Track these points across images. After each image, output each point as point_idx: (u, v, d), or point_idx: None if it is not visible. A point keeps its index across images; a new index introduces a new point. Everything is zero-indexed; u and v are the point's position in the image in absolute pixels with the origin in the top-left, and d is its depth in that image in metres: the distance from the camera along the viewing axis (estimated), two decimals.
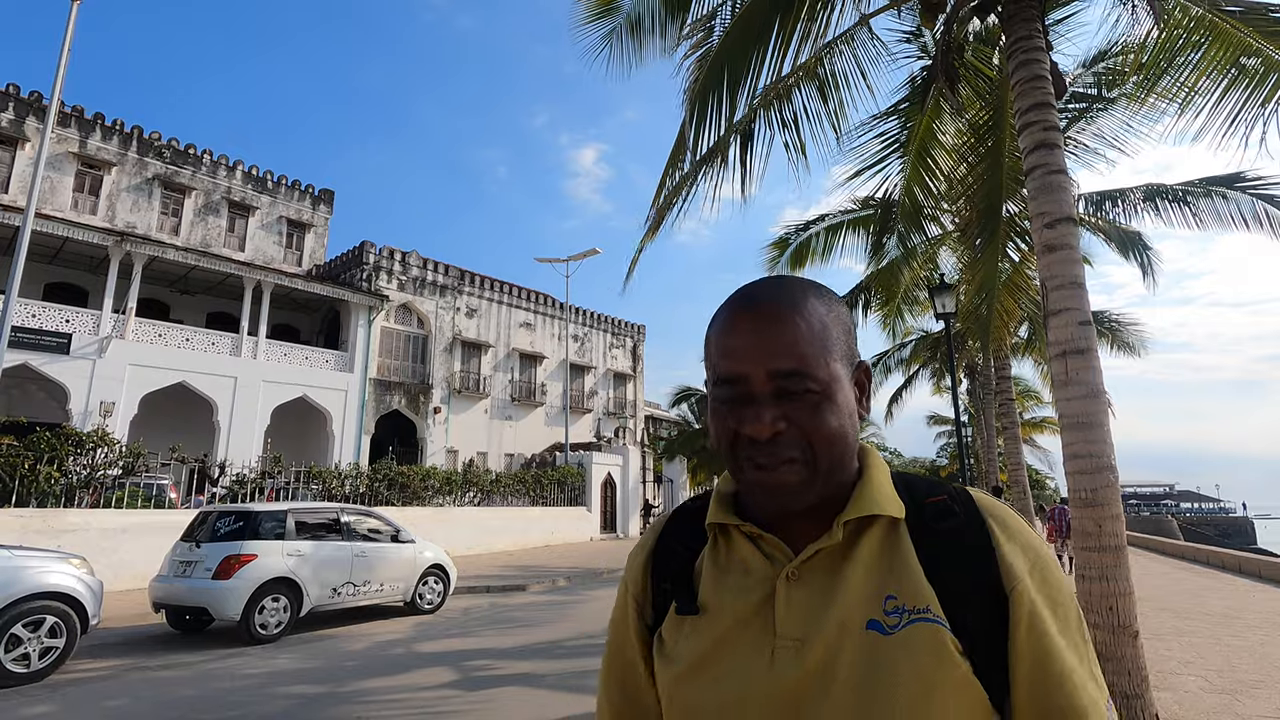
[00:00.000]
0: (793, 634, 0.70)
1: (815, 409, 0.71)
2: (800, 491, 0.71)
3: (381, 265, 24.77)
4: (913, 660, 0.65)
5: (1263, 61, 4.77)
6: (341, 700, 5.59)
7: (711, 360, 0.76)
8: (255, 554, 7.89)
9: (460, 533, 17.68)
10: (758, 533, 0.77)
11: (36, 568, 6.20)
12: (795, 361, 0.71)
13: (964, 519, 0.74)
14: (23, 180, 19.74)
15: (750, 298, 0.76)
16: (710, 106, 5.58)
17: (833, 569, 0.73)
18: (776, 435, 0.71)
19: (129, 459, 12.38)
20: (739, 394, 0.73)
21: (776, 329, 0.73)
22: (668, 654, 0.77)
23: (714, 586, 0.77)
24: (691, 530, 0.85)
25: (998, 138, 6.56)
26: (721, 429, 0.75)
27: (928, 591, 0.69)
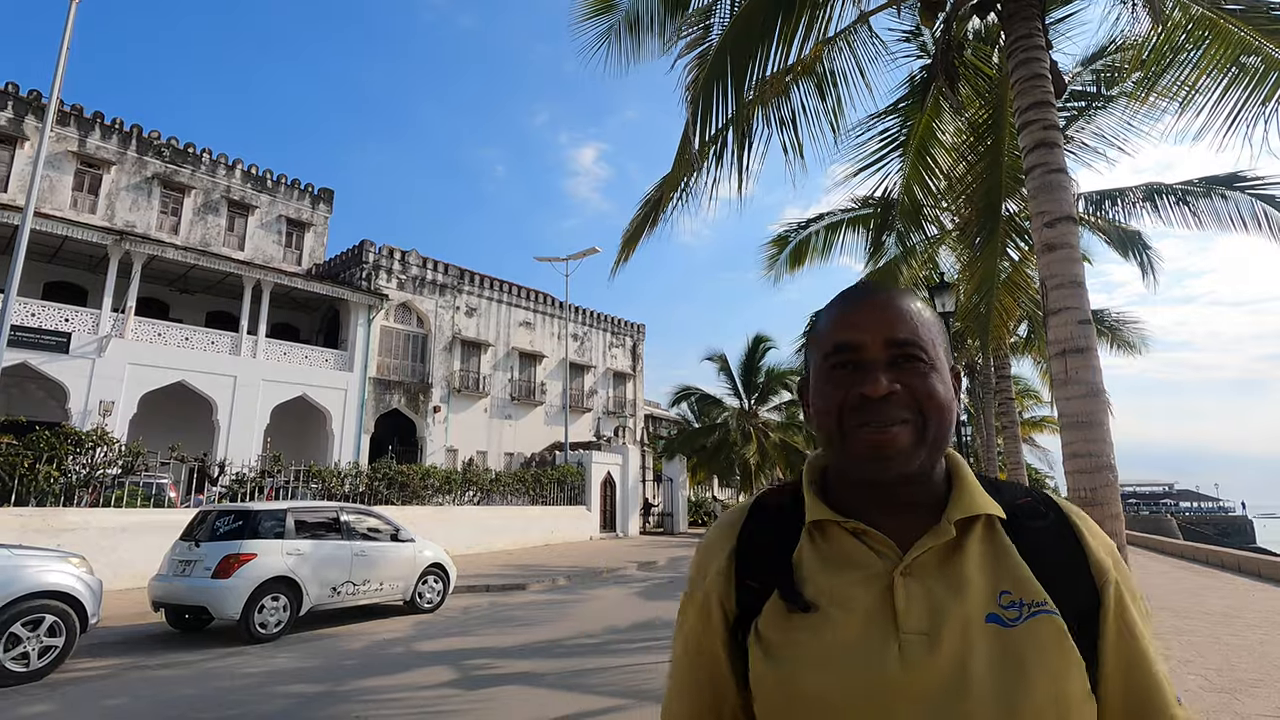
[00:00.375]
0: (918, 628, 0.71)
1: (926, 377, 0.77)
2: (909, 454, 0.75)
3: (381, 264, 24.75)
4: (1042, 649, 0.69)
5: (1263, 60, 4.76)
6: (341, 699, 5.59)
7: (822, 337, 0.82)
8: (255, 553, 7.88)
9: (460, 532, 17.68)
10: (862, 529, 0.78)
11: (36, 567, 6.20)
12: (910, 333, 0.78)
13: (1053, 519, 0.80)
14: (22, 179, 19.72)
15: (866, 286, 0.84)
16: (715, 102, 5.55)
17: (945, 565, 0.75)
18: (890, 395, 0.75)
19: (128, 458, 12.37)
20: (853, 360, 0.78)
21: (893, 307, 0.80)
22: (774, 651, 0.76)
23: (824, 582, 0.78)
24: (777, 523, 0.85)
25: (997, 136, 6.55)
26: (830, 397, 0.79)
27: (1039, 586, 0.73)
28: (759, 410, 30.37)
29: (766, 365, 29.53)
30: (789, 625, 0.77)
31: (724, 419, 29.70)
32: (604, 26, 6.50)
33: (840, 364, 0.79)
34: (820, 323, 0.84)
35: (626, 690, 5.91)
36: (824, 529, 0.81)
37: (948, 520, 0.76)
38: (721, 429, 29.17)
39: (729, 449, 28.73)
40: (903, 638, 0.71)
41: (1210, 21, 4.88)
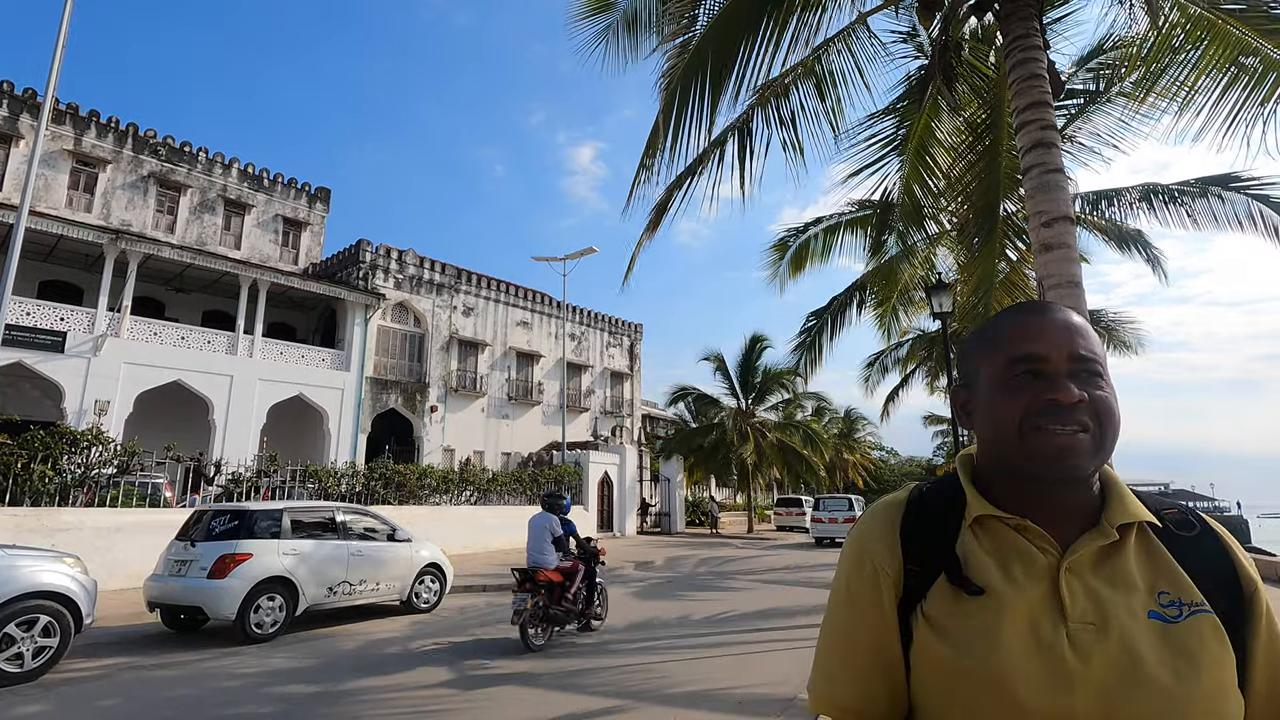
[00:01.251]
0: (1085, 619, 0.77)
1: (1104, 391, 0.84)
2: (1087, 458, 0.81)
3: (378, 264, 24.70)
4: (1204, 645, 0.75)
5: (1261, 60, 4.77)
6: (337, 699, 5.57)
7: (1003, 345, 0.88)
8: (250, 553, 7.85)
9: (457, 531, 17.64)
10: (1025, 524, 0.84)
11: (30, 567, 6.17)
12: (1091, 350, 0.85)
13: (1201, 530, 0.86)
14: (17, 177, 19.65)
15: (1044, 305, 0.91)
16: (691, 95, 5.53)
17: (1104, 564, 0.82)
18: (1079, 403, 0.81)
19: (124, 458, 12.32)
20: (1038, 370, 0.84)
21: (1075, 324, 0.87)
22: (944, 632, 0.82)
23: (991, 573, 0.83)
24: (938, 514, 0.91)
25: (995, 136, 6.56)
26: (1013, 402, 0.84)
27: (1195, 588, 0.79)
28: (756, 410, 30.39)
29: (764, 365, 29.57)
30: (958, 609, 0.82)
31: (721, 419, 29.72)
32: (601, 25, 6.49)
33: (1025, 372, 0.85)
34: (994, 332, 0.91)
35: (624, 690, 5.90)
36: (986, 524, 0.87)
37: (1109, 524, 0.83)
38: (718, 429, 29.19)
39: (726, 449, 28.74)
40: (1071, 627, 0.77)
41: (1208, 22, 4.88)
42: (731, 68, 5.47)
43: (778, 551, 21.53)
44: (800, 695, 5.54)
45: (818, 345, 13.70)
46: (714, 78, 5.47)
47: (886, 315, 14.22)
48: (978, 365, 0.92)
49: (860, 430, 46.35)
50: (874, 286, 12.79)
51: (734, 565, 16.91)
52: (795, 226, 12.20)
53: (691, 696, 5.62)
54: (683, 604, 10.69)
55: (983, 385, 0.90)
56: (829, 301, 13.61)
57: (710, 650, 7.46)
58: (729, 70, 5.48)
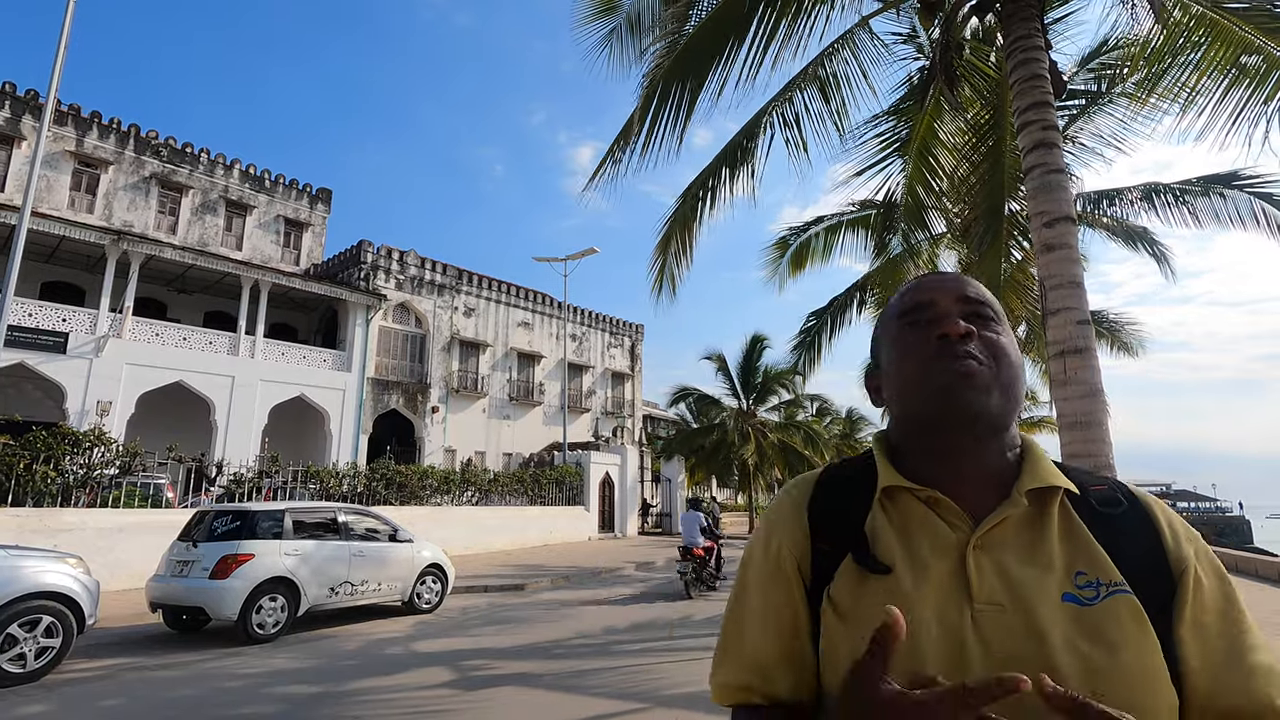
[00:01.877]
0: (991, 599, 0.72)
1: (997, 336, 0.81)
2: (986, 391, 0.77)
3: (379, 264, 24.72)
4: (1122, 629, 0.69)
5: (1264, 59, 4.76)
6: (339, 700, 5.58)
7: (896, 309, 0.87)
8: (252, 553, 7.86)
9: (458, 532, 17.65)
10: (936, 497, 0.79)
11: (33, 567, 6.18)
12: (980, 295, 0.84)
13: (1129, 505, 0.80)
14: (19, 179, 19.68)
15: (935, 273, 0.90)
16: (671, 97, 5.55)
17: (1019, 540, 0.76)
18: (967, 335, 0.78)
19: (126, 458, 12.34)
20: (928, 316, 0.82)
21: (965, 280, 0.86)
22: (847, 613, 0.77)
23: (897, 549, 0.78)
24: (848, 491, 0.86)
25: (998, 136, 6.55)
26: (910, 355, 0.82)
27: (1115, 568, 0.73)
28: (757, 410, 30.36)
29: (764, 365, 29.53)
30: (863, 589, 0.77)
31: (722, 419, 29.69)
32: (606, 29, 6.49)
33: (915, 321, 0.83)
34: (889, 306, 0.90)
35: (624, 691, 5.91)
36: (896, 497, 0.82)
37: (1018, 491, 0.77)
38: (719, 429, 29.16)
39: (727, 449, 28.71)
40: (976, 608, 0.72)
41: (1211, 21, 4.88)
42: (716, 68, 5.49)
43: None
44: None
45: (817, 345, 13.68)
46: (696, 77, 5.50)
47: None
48: (880, 342, 0.90)
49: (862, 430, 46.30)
50: (876, 286, 12.77)
51: (734, 565, 16.87)
52: (796, 225, 12.19)
53: (691, 698, 5.62)
54: (683, 605, 10.69)
55: (886, 358, 0.87)
56: (829, 301, 13.59)
57: (711, 652, 7.45)
58: (712, 70, 5.50)
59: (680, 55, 5.40)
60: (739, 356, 29.88)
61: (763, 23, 5.36)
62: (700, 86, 5.54)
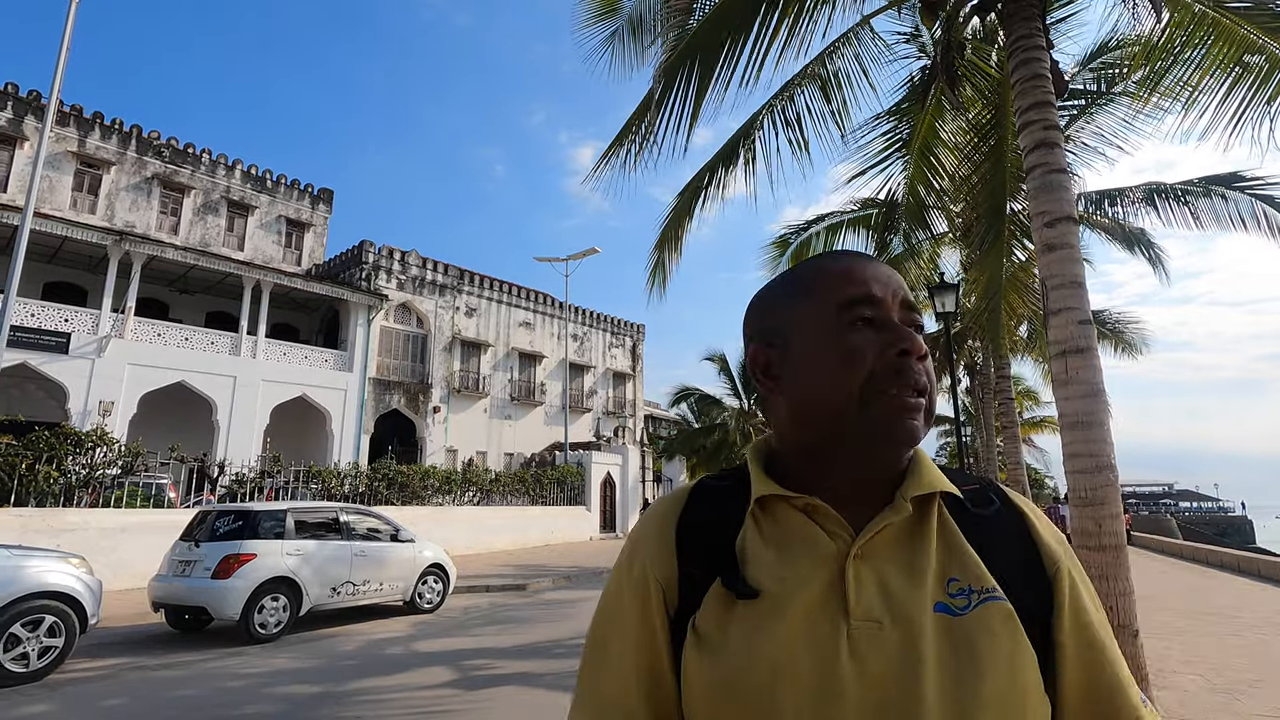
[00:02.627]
0: (870, 616, 0.65)
1: (927, 350, 0.72)
2: (927, 418, 0.71)
3: (381, 264, 24.75)
4: (993, 640, 0.64)
5: (1266, 59, 4.76)
6: (340, 700, 5.58)
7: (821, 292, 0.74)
8: (254, 553, 7.87)
9: (459, 532, 17.67)
10: (814, 504, 0.71)
11: (35, 567, 6.19)
12: (915, 305, 0.75)
13: (1000, 508, 0.75)
14: (21, 179, 19.71)
15: (855, 253, 0.79)
16: (675, 92, 5.55)
17: (899, 547, 0.70)
18: (925, 357, 0.71)
19: (128, 458, 12.36)
20: (876, 318, 0.72)
21: (896, 274, 0.76)
22: (712, 645, 0.68)
23: (770, 567, 0.70)
24: (720, 507, 0.77)
25: (1000, 136, 6.55)
26: (852, 359, 0.70)
27: (988, 573, 0.68)
28: (758, 411, 30.38)
29: None
30: (729, 616, 0.68)
31: (723, 419, 29.66)
32: (607, 31, 6.49)
33: (862, 319, 0.72)
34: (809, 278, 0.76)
35: None
36: (770, 507, 0.74)
37: (903, 497, 0.70)
38: (721, 429, 29.13)
39: (729, 449, 28.68)
40: (853, 626, 0.65)
41: (1213, 20, 4.87)
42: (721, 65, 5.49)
43: None
44: None
45: None
46: (701, 74, 5.50)
47: None
48: (791, 317, 0.76)
49: None
50: None
51: None
52: (797, 224, 12.19)
53: None
54: None
55: (800, 341, 0.74)
56: None
57: None
58: (717, 67, 5.50)
59: (685, 50, 5.40)
60: (741, 356, 29.89)
61: (764, 25, 5.36)
62: (706, 81, 5.53)
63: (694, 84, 5.51)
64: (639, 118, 5.79)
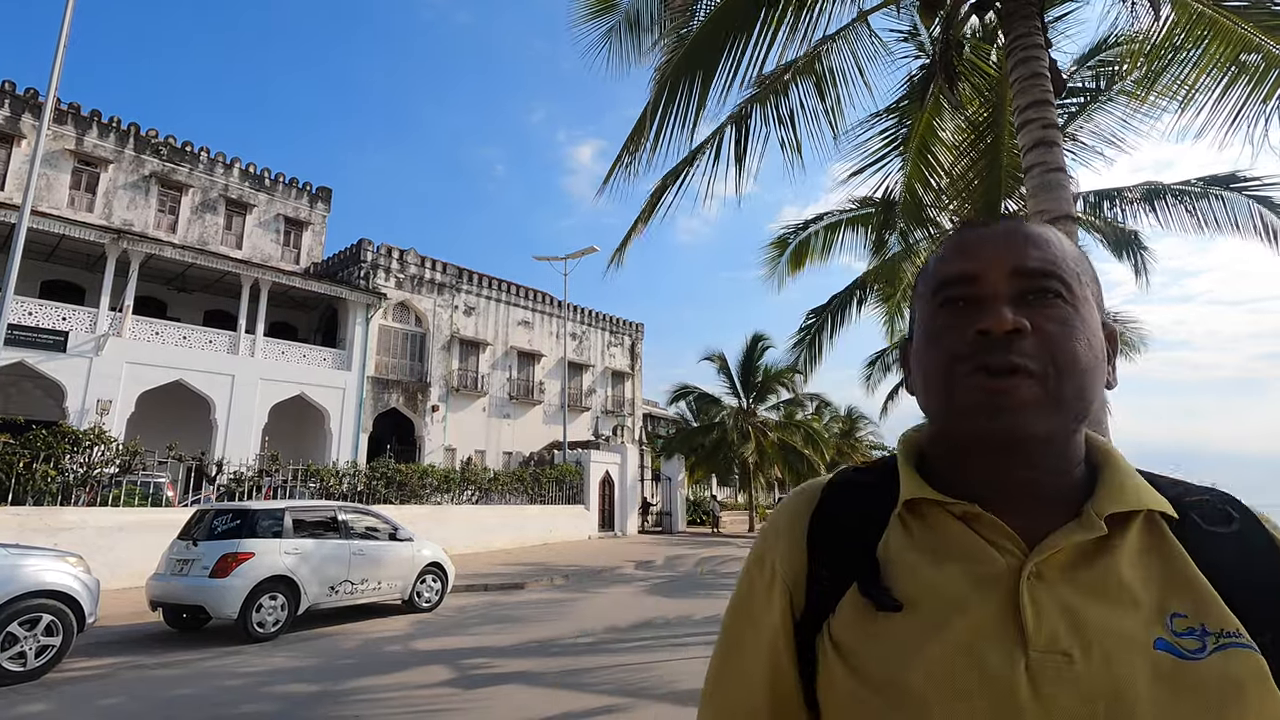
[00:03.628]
0: (1055, 646, 0.56)
1: (1066, 320, 0.61)
2: (1034, 413, 0.59)
3: (379, 263, 24.72)
4: (1240, 695, 0.53)
5: (1264, 58, 4.76)
6: (338, 698, 5.58)
7: (931, 275, 0.67)
8: (252, 552, 7.87)
9: (458, 531, 17.66)
10: (975, 512, 0.62)
11: (33, 566, 6.18)
12: (1045, 261, 0.62)
13: (1241, 524, 0.62)
14: (19, 177, 19.67)
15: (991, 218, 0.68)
16: (679, 94, 5.54)
17: (1089, 570, 0.59)
18: (1016, 333, 0.60)
19: (126, 457, 12.34)
20: (968, 295, 0.63)
21: (1023, 232, 0.64)
22: (852, 659, 0.62)
23: (920, 579, 0.62)
24: (863, 505, 0.70)
25: (996, 135, 6.55)
26: (939, 340, 0.63)
27: (1229, 611, 0.57)
28: (757, 409, 30.38)
29: (765, 364, 29.56)
30: (872, 629, 0.62)
31: (722, 418, 29.71)
32: (604, 28, 6.48)
33: (951, 299, 0.64)
34: (931, 259, 0.69)
35: (625, 689, 5.91)
36: (922, 512, 0.66)
37: (1096, 512, 0.60)
38: (719, 428, 29.17)
39: (727, 448, 28.73)
40: (1033, 657, 0.55)
41: (1210, 19, 4.87)
42: (722, 65, 5.48)
43: None
44: None
45: (817, 343, 13.70)
46: (704, 74, 5.48)
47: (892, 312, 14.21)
48: (914, 306, 0.72)
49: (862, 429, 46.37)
50: (876, 284, 12.78)
51: (735, 565, 16.91)
52: (795, 224, 12.20)
53: (693, 695, 5.62)
54: (684, 603, 10.70)
55: (914, 332, 0.69)
56: (829, 299, 13.60)
57: (711, 649, 7.46)
58: (720, 67, 5.49)
59: (688, 52, 5.39)
60: (739, 355, 29.92)
61: (765, 25, 5.36)
62: (709, 83, 5.52)
63: (696, 88, 5.50)
64: (643, 125, 5.77)
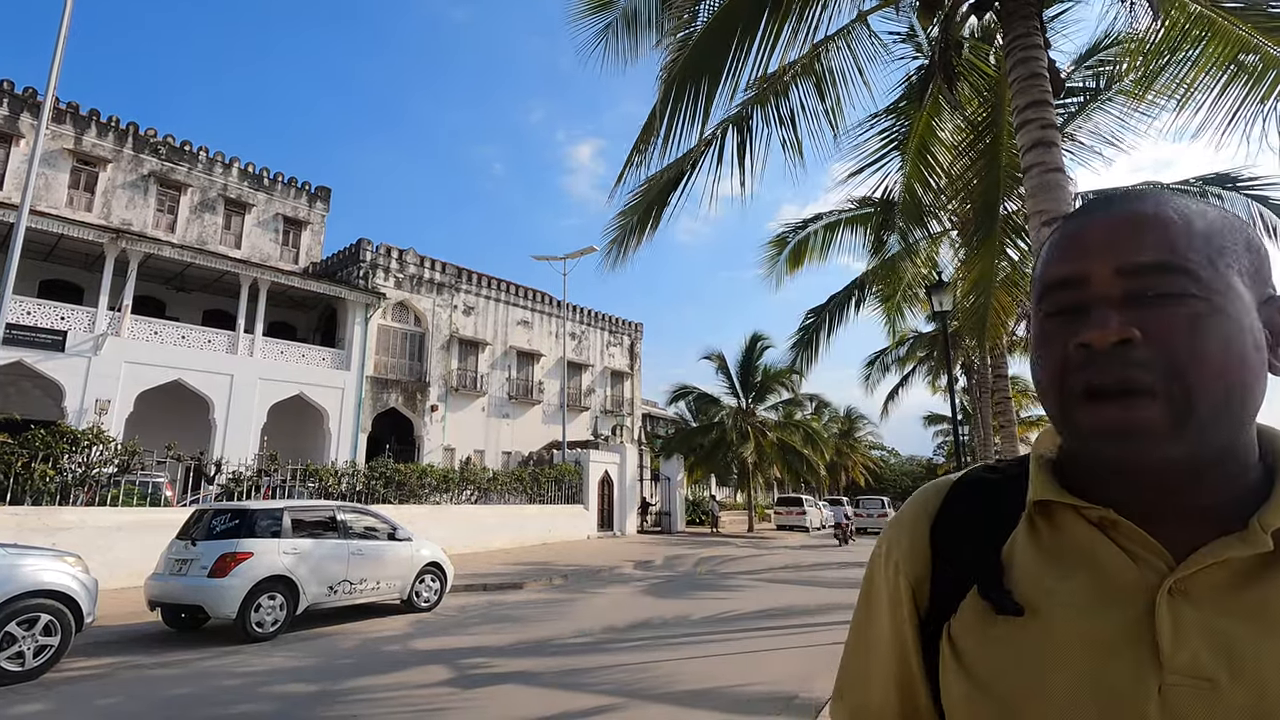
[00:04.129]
0: (1196, 671, 0.51)
1: (1193, 320, 0.52)
2: (1160, 438, 0.52)
3: (378, 263, 24.71)
4: None
5: (1261, 58, 4.77)
6: (337, 698, 5.58)
7: (1039, 279, 0.61)
8: (251, 552, 7.86)
9: (457, 531, 17.65)
10: (1112, 518, 0.57)
11: (31, 566, 6.18)
12: (1160, 250, 0.54)
13: None
14: (17, 177, 19.65)
15: (1107, 199, 0.60)
16: (686, 94, 5.54)
17: (1246, 589, 0.53)
18: (1124, 343, 0.53)
19: (124, 457, 12.33)
20: (1074, 302, 0.56)
21: (1141, 218, 0.56)
22: (970, 663, 0.60)
23: (1045, 584, 0.58)
24: (991, 505, 0.66)
25: (995, 134, 6.56)
26: (1046, 357, 0.58)
27: None
28: (757, 409, 30.39)
29: (764, 364, 29.58)
30: (990, 634, 0.59)
31: (721, 418, 29.71)
32: (601, 24, 6.49)
33: (1058, 310, 0.58)
34: (1041, 256, 0.62)
35: (623, 689, 5.91)
36: (1053, 514, 0.61)
37: (1263, 526, 0.53)
38: (719, 428, 29.18)
39: (726, 448, 28.74)
40: (1168, 680, 0.51)
41: (1208, 19, 4.88)
42: (728, 65, 5.48)
43: (778, 551, 21.54)
44: (800, 694, 5.55)
45: (815, 342, 13.74)
46: (711, 75, 5.48)
47: (892, 313, 14.23)
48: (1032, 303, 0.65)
49: (861, 429, 46.40)
50: (876, 284, 12.80)
51: (734, 565, 16.92)
52: (795, 223, 12.21)
53: (692, 695, 5.63)
54: (683, 603, 10.70)
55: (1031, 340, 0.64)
56: (828, 299, 13.63)
57: (710, 649, 7.46)
58: (726, 67, 5.48)
59: (693, 55, 5.39)
60: (739, 355, 29.94)
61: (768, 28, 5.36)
62: (715, 85, 5.52)
63: (704, 91, 5.49)
64: (651, 127, 5.76)
